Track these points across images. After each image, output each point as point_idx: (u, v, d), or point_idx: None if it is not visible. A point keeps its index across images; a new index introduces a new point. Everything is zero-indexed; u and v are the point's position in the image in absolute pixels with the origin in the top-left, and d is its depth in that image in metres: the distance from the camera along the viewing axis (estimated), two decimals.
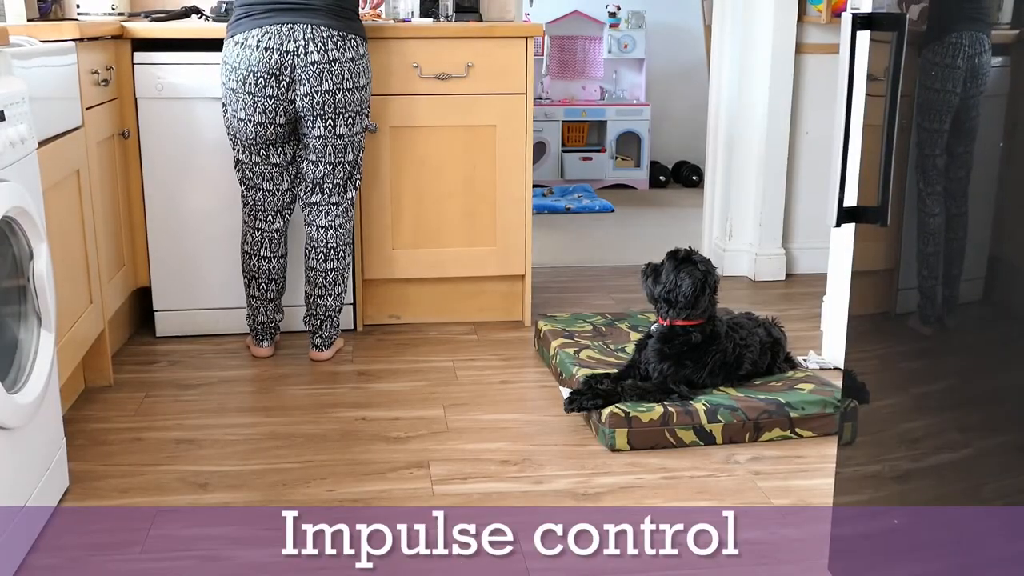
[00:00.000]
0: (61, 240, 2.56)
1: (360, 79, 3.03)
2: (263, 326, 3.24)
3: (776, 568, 2.06)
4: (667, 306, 2.74)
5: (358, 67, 3.02)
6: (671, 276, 2.73)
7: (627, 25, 6.61)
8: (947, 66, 1.32)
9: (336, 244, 3.18)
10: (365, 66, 3.05)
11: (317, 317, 3.22)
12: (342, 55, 2.97)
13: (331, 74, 2.96)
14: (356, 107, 3.05)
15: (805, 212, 4.32)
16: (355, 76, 3.01)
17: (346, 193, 3.17)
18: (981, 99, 1.34)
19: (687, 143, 6.72)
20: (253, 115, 2.99)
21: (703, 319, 2.76)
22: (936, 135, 1.39)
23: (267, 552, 2.12)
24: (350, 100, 3.02)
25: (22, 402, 2.04)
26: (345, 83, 2.99)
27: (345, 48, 2.97)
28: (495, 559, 2.10)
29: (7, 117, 2.04)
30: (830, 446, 2.60)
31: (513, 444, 2.65)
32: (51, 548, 2.13)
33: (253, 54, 2.93)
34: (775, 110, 4.15)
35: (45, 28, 2.72)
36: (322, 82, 2.96)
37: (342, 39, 2.97)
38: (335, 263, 3.18)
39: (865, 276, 1.75)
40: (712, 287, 2.75)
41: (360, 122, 3.10)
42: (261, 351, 3.26)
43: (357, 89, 3.03)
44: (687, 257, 2.76)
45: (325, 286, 3.18)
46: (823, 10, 4.07)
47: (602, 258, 4.67)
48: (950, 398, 1.46)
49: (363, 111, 3.10)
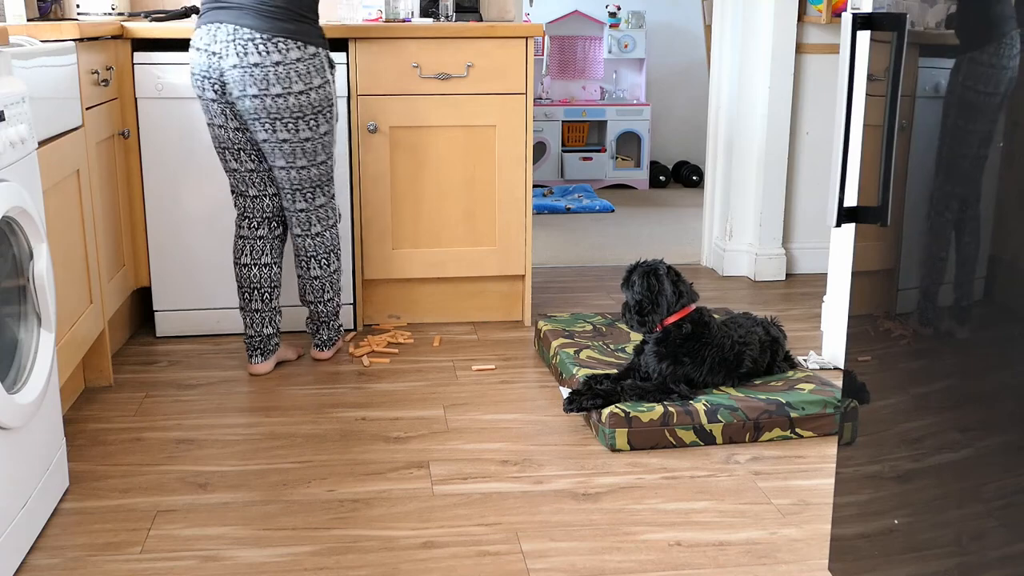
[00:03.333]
0: (61, 240, 2.56)
1: (293, 84, 2.83)
2: (251, 340, 3.11)
3: (776, 568, 2.06)
4: (644, 316, 2.76)
5: (288, 72, 2.82)
6: (628, 292, 2.81)
7: (627, 25, 6.61)
8: (1000, 67, 1.32)
9: (315, 253, 3.09)
10: (301, 71, 2.83)
11: (314, 322, 3.23)
12: (265, 59, 2.79)
13: (254, 79, 2.82)
14: (296, 112, 2.87)
15: (805, 212, 4.32)
16: (285, 81, 2.82)
17: (314, 200, 3.03)
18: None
19: (687, 143, 6.72)
20: (212, 120, 2.97)
21: (691, 307, 2.76)
22: (973, 136, 1.39)
23: (267, 552, 2.12)
24: (284, 106, 2.85)
25: (22, 402, 2.04)
26: (272, 88, 2.82)
27: (270, 52, 2.79)
28: (495, 559, 2.10)
29: (7, 117, 2.04)
30: (830, 446, 2.60)
31: (513, 444, 2.65)
32: (51, 548, 2.13)
33: (195, 56, 2.90)
34: (775, 110, 4.15)
35: (45, 28, 2.72)
36: (246, 87, 2.83)
37: (266, 42, 2.79)
38: (317, 271, 3.11)
39: (865, 276, 1.75)
40: (662, 269, 2.78)
41: (310, 128, 2.92)
42: (253, 367, 3.12)
43: (290, 95, 2.84)
44: (630, 270, 2.83)
45: (313, 293, 3.15)
46: (823, 10, 4.07)
47: (602, 258, 4.67)
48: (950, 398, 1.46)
49: (309, 116, 2.90)
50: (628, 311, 2.82)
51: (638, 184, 6.55)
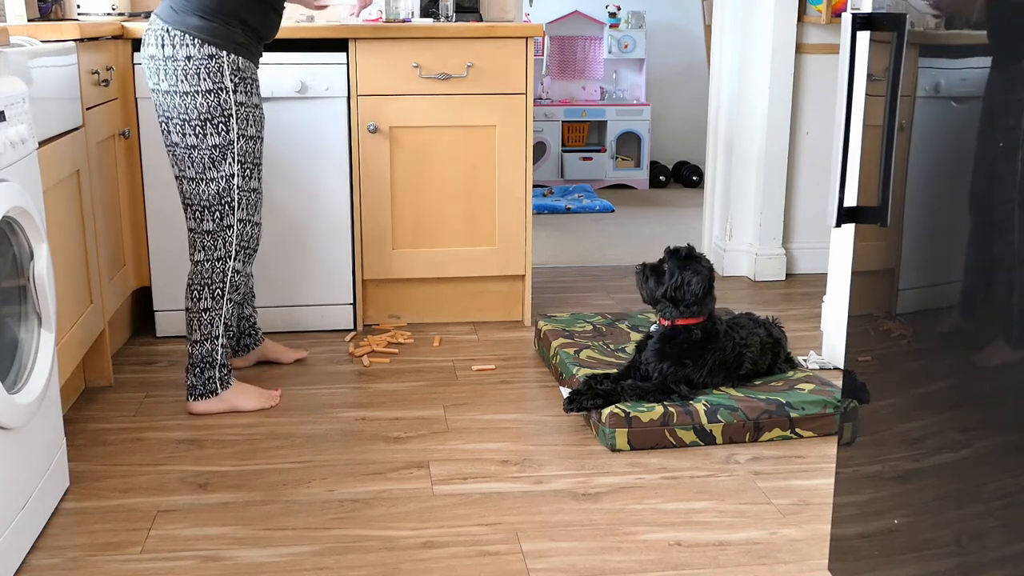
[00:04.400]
0: (61, 240, 2.56)
1: (179, 83, 2.64)
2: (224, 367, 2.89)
3: (776, 568, 2.06)
4: (672, 305, 2.74)
5: (176, 68, 2.64)
6: (677, 275, 2.72)
7: (627, 25, 6.61)
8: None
9: (190, 281, 2.79)
10: (189, 70, 2.63)
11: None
12: (160, 51, 2.65)
13: (149, 71, 2.70)
14: (182, 114, 2.67)
15: (805, 212, 4.32)
16: (171, 77, 2.65)
17: (201, 222, 2.74)
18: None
19: (687, 143, 6.72)
20: None
21: (705, 316, 2.76)
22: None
23: (267, 552, 2.12)
24: (170, 104, 2.67)
25: (22, 402, 2.04)
26: (161, 84, 2.68)
27: (164, 44, 2.64)
28: (495, 559, 2.10)
29: (7, 117, 2.04)
30: (830, 446, 2.60)
31: (513, 444, 2.65)
32: (51, 548, 2.13)
33: None
34: (775, 110, 4.15)
35: (45, 28, 2.72)
36: (147, 79, 2.73)
37: (163, 33, 2.64)
38: (188, 303, 2.80)
39: (865, 276, 1.75)
40: (713, 282, 2.77)
41: (196, 135, 2.68)
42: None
43: (175, 94, 2.65)
44: (690, 254, 2.76)
45: (187, 326, 2.83)
46: (823, 10, 4.07)
47: (602, 258, 4.67)
48: (950, 398, 1.46)
49: (195, 122, 2.67)
50: (660, 285, 2.72)
51: (638, 184, 6.55)
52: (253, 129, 2.75)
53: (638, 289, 2.81)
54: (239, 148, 2.72)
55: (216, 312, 2.79)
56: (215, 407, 2.83)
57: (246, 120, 2.73)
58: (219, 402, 2.83)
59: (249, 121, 2.74)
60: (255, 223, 2.82)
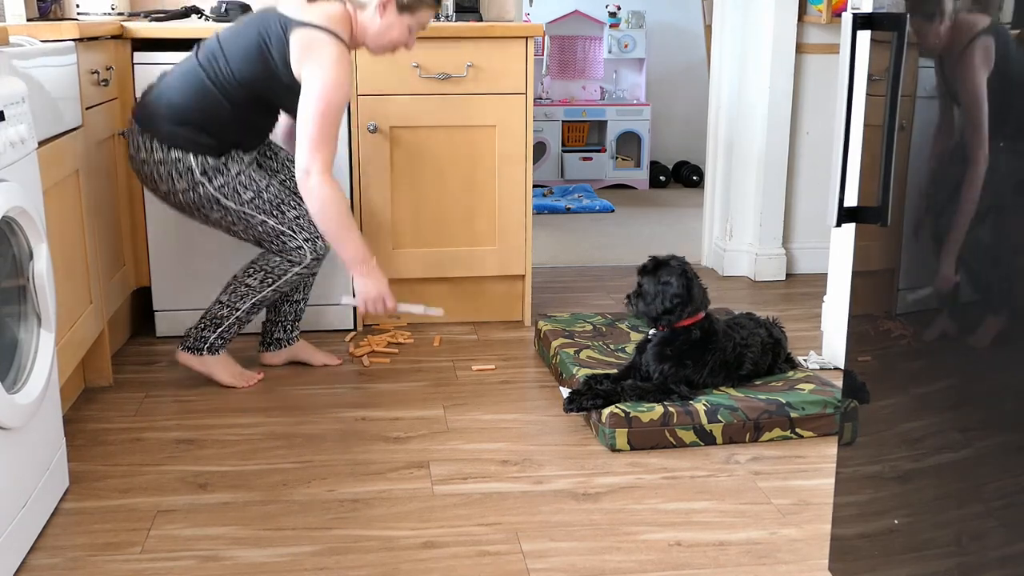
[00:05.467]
0: (61, 240, 2.56)
1: (161, 184, 2.82)
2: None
3: (776, 568, 2.06)
4: (669, 314, 2.73)
5: (156, 170, 2.81)
6: (656, 286, 2.74)
7: (627, 25, 6.61)
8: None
9: (256, 259, 2.95)
10: (163, 174, 2.79)
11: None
12: (137, 154, 2.83)
13: (143, 174, 2.86)
14: (189, 204, 2.85)
15: (805, 212, 4.32)
16: (158, 179, 2.82)
17: (285, 244, 2.88)
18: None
19: (687, 143, 6.72)
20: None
21: (702, 313, 2.76)
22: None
23: (267, 552, 2.12)
24: (179, 202, 2.87)
25: (22, 402, 2.04)
26: (160, 187, 2.84)
27: (141, 147, 2.81)
28: (495, 559, 2.10)
29: (7, 117, 2.04)
30: (830, 446, 2.60)
31: (513, 444, 2.65)
32: (51, 548, 2.13)
33: None
34: (775, 110, 4.15)
35: (45, 28, 2.72)
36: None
37: (139, 134, 2.81)
38: (240, 271, 2.98)
39: (865, 276, 1.75)
40: (694, 275, 2.76)
41: (215, 211, 2.84)
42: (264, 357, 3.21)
43: (176, 193, 2.83)
44: (658, 263, 2.78)
45: (224, 287, 3.00)
46: (823, 10, 4.06)
47: (602, 258, 4.67)
48: (950, 398, 1.46)
49: (204, 208, 2.84)
50: (644, 303, 2.75)
51: (638, 184, 6.55)
52: (250, 191, 2.84)
53: (635, 316, 2.83)
54: (251, 208, 2.85)
55: (255, 293, 2.92)
56: (194, 364, 2.98)
57: (238, 190, 2.83)
58: (199, 362, 2.97)
59: (243, 187, 2.84)
60: (318, 237, 2.90)
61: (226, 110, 2.79)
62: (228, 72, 2.77)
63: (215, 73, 2.77)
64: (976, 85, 1.36)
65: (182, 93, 2.80)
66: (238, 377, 3.02)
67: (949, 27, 1.43)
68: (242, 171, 2.85)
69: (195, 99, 2.78)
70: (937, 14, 1.45)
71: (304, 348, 3.22)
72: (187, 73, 2.81)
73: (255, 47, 2.75)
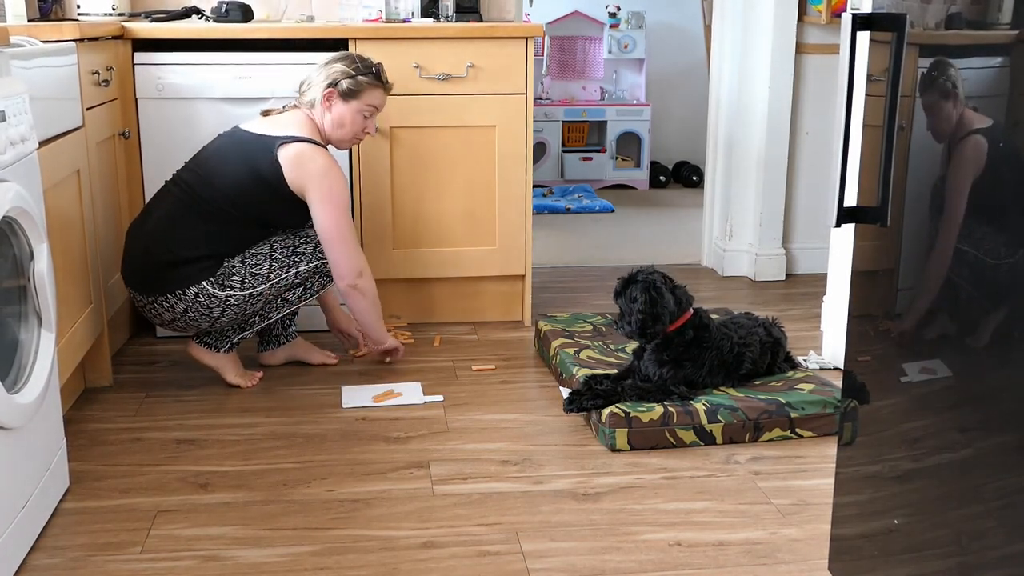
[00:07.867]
0: (61, 240, 2.56)
1: (207, 318, 2.90)
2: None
3: (776, 568, 2.06)
4: (653, 323, 2.72)
5: (192, 316, 2.89)
6: (627, 304, 2.75)
7: (627, 25, 6.61)
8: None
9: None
10: (193, 316, 2.88)
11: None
12: (158, 317, 2.92)
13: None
14: (236, 316, 2.93)
15: (805, 212, 4.32)
16: (200, 321, 2.91)
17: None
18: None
19: (687, 143, 6.72)
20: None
21: (689, 311, 2.76)
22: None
23: (267, 552, 2.12)
24: (222, 325, 2.95)
25: (22, 402, 2.04)
26: (201, 325, 2.93)
27: (163, 312, 2.88)
28: (495, 559, 2.10)
29: (7, 117, 2.04)
30: (830, 446, 2.60)
31: (513, 444, 2.65)
32: (51, 548, 2.13)
33: None
34: (775, 110, 4.15)
35: (45, 28, 2.72)
36: None
37: (151, 304, 2.88)
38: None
39: (865, 276, 1.75)
40: (659, 279, 2.74)
41: (258, 298, 2.91)
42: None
43: (215, 320, 2.91)
44: (627, 281, 2.78)
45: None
46: (823, 10, 4.07)
47: (602, 258, 4.67)
48: (950, 398, 1.46)
49: (250, 301, 2.92)
50: (625, 323, 2.77)
51: (638, 184, 6.55)
52: (263, 264, 2.89)
53: (626, 336, 2.83)
54: (277, 274, 2.91)
55: (290, 305, 3.01)
56: (205, 359, 3.01)
57: (254, 272, 2.88)
58: (213, 358, 3.01)
59: (255, 266, 2.88)
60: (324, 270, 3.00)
61: (226, 234, 2.87)
62: (224, 201, 2.83)
63: (207, 206, 2.84)
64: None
65: (179, 238, 2.84)
66: (243, 376, 3.04)
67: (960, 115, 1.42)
68: (243, 256, 2.91)
69: (191, 235, 2.84)
70: (951, 98, 1.44)
71: (302, 346, 3.22)
72: (173, 216, 2.86)
73: (246, 175, 2.84)
